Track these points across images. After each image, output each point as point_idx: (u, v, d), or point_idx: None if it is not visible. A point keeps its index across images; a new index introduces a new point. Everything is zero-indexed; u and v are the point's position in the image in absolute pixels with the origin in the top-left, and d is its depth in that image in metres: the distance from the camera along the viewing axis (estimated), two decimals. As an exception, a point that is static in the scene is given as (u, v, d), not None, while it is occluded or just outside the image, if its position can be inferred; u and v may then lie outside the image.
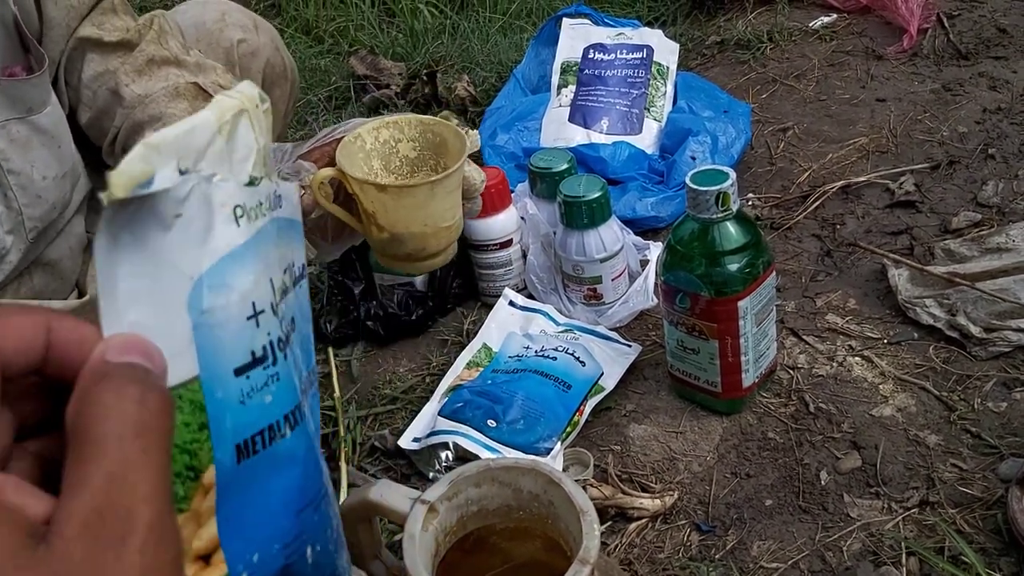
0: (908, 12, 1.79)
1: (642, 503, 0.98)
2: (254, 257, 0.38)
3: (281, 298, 0.41)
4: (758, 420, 1.07)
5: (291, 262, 0.44)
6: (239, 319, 0.37)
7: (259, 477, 0.40)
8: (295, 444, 0.42)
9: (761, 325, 1.03)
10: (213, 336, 0.36)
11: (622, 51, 1.65)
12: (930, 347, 1.13)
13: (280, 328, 0.41)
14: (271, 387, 0.39)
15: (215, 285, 0.36)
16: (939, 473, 0.97)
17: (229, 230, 0.37)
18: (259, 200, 0.40)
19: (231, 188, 0.37)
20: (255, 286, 0.38)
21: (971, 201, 1.37)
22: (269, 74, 1.21)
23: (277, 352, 0.40)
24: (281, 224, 0.42)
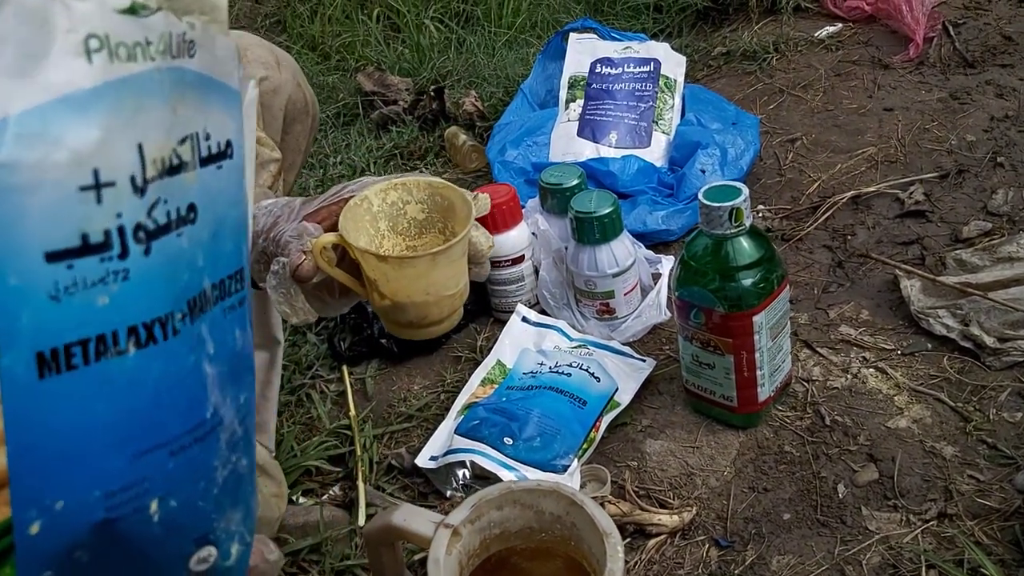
0: (914, 21, 1.80)
1: (660, 519, 0.98)
2: (110, 109, 0.30)
3: (161, 174, 0.32)
4: (774, 434, 1.07)
5: (197, 132, 0.34)
6: (64, 187, 0.29)
7: (75, 400, 0.31)
8: (144, 366, 0.32)
9: (776, 339, 1.03)
10: (11, 202, 0.28)
11: (629, 65, 1.66)
12: (944, 358, 1.13)
13: (147, 213, 0.32)
14: (110, 286, 0.31)
15: (28, 134, 0.28)
16: (956, 485, 0.97)
17: (72, 65, 0.28)
18: (144, 37, 0.31)
19: (89, 10, 0.29)
20: (101, 148, 0.29)
21: (981, 210, 1.37)
22: (290, 111, 1.20)
23: (131, 243, 0.31)
24: (186, 78, 0.33)
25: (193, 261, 0.35)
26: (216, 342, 0.36)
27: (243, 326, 0.39)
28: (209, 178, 0.36)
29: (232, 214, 0.38)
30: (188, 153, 0.34)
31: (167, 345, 0.33)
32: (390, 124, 2.02)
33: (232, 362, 0.38)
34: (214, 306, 0.37)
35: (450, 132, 1.86)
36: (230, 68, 0.36)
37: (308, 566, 1.00)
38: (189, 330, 0.34)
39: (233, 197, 0.38)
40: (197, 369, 0.35)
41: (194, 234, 0.35)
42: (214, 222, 0.36)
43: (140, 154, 0.31)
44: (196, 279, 0.35)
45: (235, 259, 0.38)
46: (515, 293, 1.34)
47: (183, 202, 0.34)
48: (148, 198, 0.32)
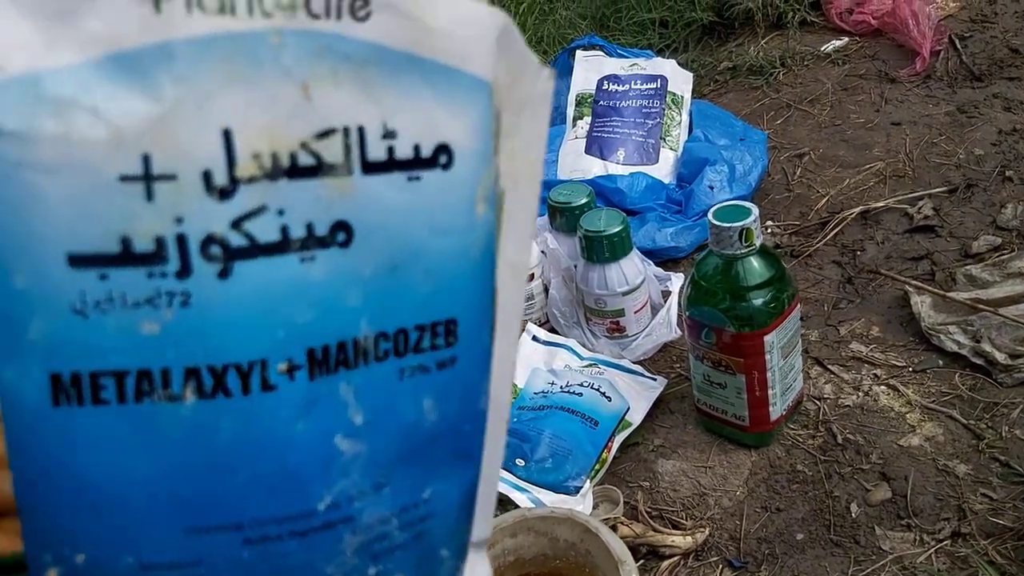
0: (920, 35, 1.80)
1: (673, 540, 0.98)
2: (177, 77, 0.21)
3: (272, 175, 0.23)
4: (786, 453, 1.07)
5: (362, 124, 0.25)
6: (98, 173, 0.21)
7: (103, 442, 0.24)
8: (208, 421, 0.25)
9: (787, 358, 1.03)
10: (21, 181, 0.21)
11: (636, 81, 1.66)
12: (956, 374, 1.13)
13: (230, 224, 0.23)
14: (162, 311, 0.23)
15: (55, 98, 0.20)
16: (970, 503, 0.97)
17: (132, 13, 0.21)
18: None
19: None
20: (159, 128, 0.22)
21: (990, 224, 1.37)
22: None
23: (196, 258, 0.23)
24: (340, 47, 0.24)
25: (331, 298, 0.26)
26: (370, 410, 0.27)
27: (445, 397, 0.29)
28: (386, 191, 0.26)
29: (439, 246, 0.27)
30: (336, 152, 0.24)
31: (250, 401, 0.25)
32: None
33: (407, 441, 0.28)
34: (378, 362, 0.27)
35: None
36: (465, 45, 0.25)
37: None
38: (303, 388, 0.26)
39: (445, 223, 0.27)
40: (314, 442, 0.26)
41: (343, 263, 0.25)
42: (394, 251, 0.26)
43: (227, 142, 0.23)
44: (333, 323, 0.26)
45: (438, 307, 0.28)
46: (525, 312, 1.34)
47: (322, 218, 0.25)
48: (237, 203, 0.23)
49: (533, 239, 0.25)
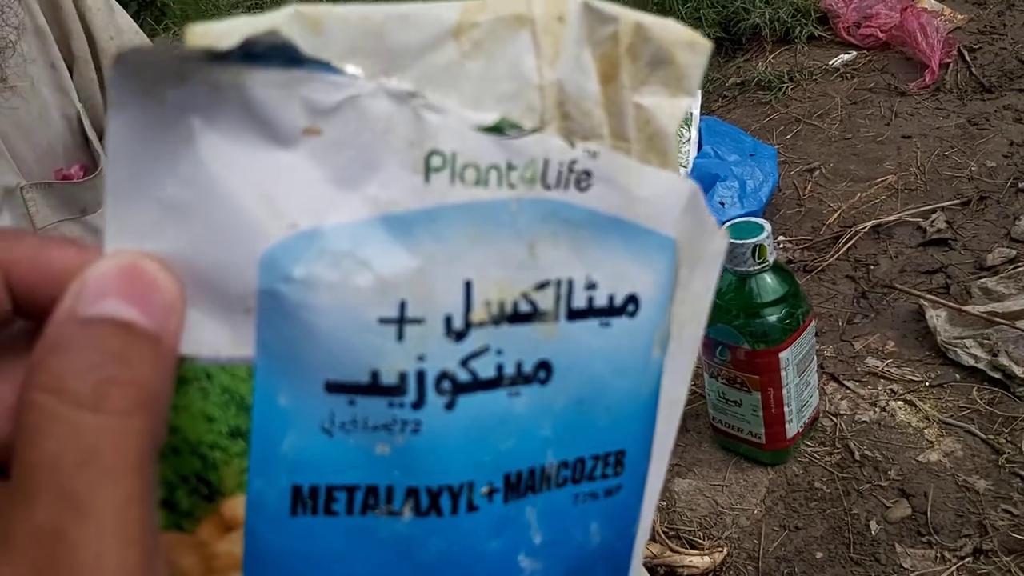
0: (929, 47, 1.80)
1: (692, 560, 0.97)
2: (436, 236, 0.25)
3: (497, 320, 0.26)
4: (804, 470, 1.06)
5: (572, 277, 0.27)
6: (362, 315, 0.24)
7: (329, 550, 0.26)
8: (419, 537, 0.27)
9: (803, 374, 1.03)
10: (300, 319, 0.24)
11: (645, 99, 1.66)
12: (973, 388, 1.12)
13: (460, 362, 0.26)
14: (395, 436, 0.26)
15: (334, 251, 0.24)
16: (991, 520, 0.96)
17: (405, 182, 0.24)
18: (506, 161, 0.25)
19: (442, 124, 0.24)
20: (416, 279, 0.25)
21: (1004, 237, 1.36)
22: None
23: (431, 392, 0.26)
24: (563, 213, 0.26)
25: (528, 428, 0.28)
26: (548, 532, 0.29)
27: (609, 521, 0.31)
28: (582, 335, 0.28)
29: (619, 384, 0.30)
30: (548, 301, 0.27)
31: (456, 521, 0.27)
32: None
33: (574, 561, 0.30)
34: (558, 488, 0.29)
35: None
36: (660, 210, 0.29)
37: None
38: (498, 510, 0.28)
39: (626, 364, 0.30)
40: (502, 559, 0.28)
41: (541, 397, 0.28)
42: (582, 388, 0.29)
43: (467, 292, 0.26)
44: (528, 451, 0.28)
45: (612, 439, 0.30)
46: (538, 331, 1.34)
47: (529, 357, 0.27)
48: (468, 344, 0.26)
49: (690, 378, 0.27)
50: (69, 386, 0.19)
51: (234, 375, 0.24)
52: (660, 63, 0.28)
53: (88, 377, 0.19)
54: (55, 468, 0.19)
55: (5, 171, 0.83)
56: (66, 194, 0.87)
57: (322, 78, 0.23)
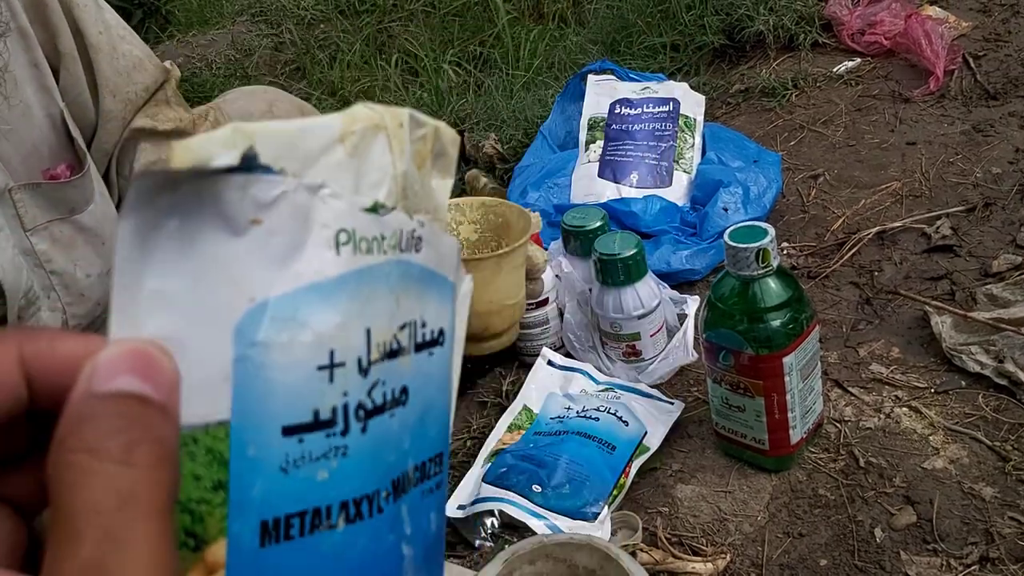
0: (933, 54, 1.79)
1: (694, 567, 0.96)
2: (349, 296, 0.32)
3: (382, 358, 0.34)
4: (808, 476, 1.05)
5: (415, 320, 0.36)
6: (306, 365, 0.30)
7: (289, 571, 0.31)
8: (350, 541, 0.32)
9: (807, 380, 1.02)
10: (263, 377, 0.29)
11: (648, 105, 1.66)
12: (979, 395, 1.11)
13: (367, 393, 0.33)
14: (331, 461, 0.31)
15: (283, 317, 0.29)
16: (998, 527, 0.95)
17: (323, 256, 0.31)
18: (381, 233, 0.33)
19: (341, 208, 0.31)
20: (339, 331, 0.31)
21: (1010, 243, 1.35)
22: None
23: (353, 421, 0.32)
24: (410, 271, 0.35)
25: (400, 442, 0.36)
26: (413, 523, 0.36)
27: (439, 509, 0.39)
28: (422, 363, 0.37)
29: (439, 400, 0.39)
30: (406, 339, 0.35)
31: (372, 522, 0.33)
32: (410, 168, 2.03)
33: (425, 544, 0.37)
34: (414, 487, 0.37)
35: (471, 175, 1.86)
36: (450, 263, 0.38)
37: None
38: (392, 509, 0.35)
39: (440, 384, 0.39)
40: (396, 549, 0.35)
41: (404, 416, 0.36)
42: (422, 405, 0.37)
43: (368, 338, 0.33)
44: (402, 459, 0.36)
45: (437, 443, 0.39)
46: (540, 336, 1.33)
47: (398, 384, 0.35)
48: (370, 379, 0.33)
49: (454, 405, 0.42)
50: (102, 446, 0.23)
51: (215, 436, 0.28)
52: (441, 155, 0.38)
53: (118, 438, 0.23)
54: (97, 512, 0.23)
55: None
56: (54, 194, 0.86)
57: (264, 179, 0.29)
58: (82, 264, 0.89)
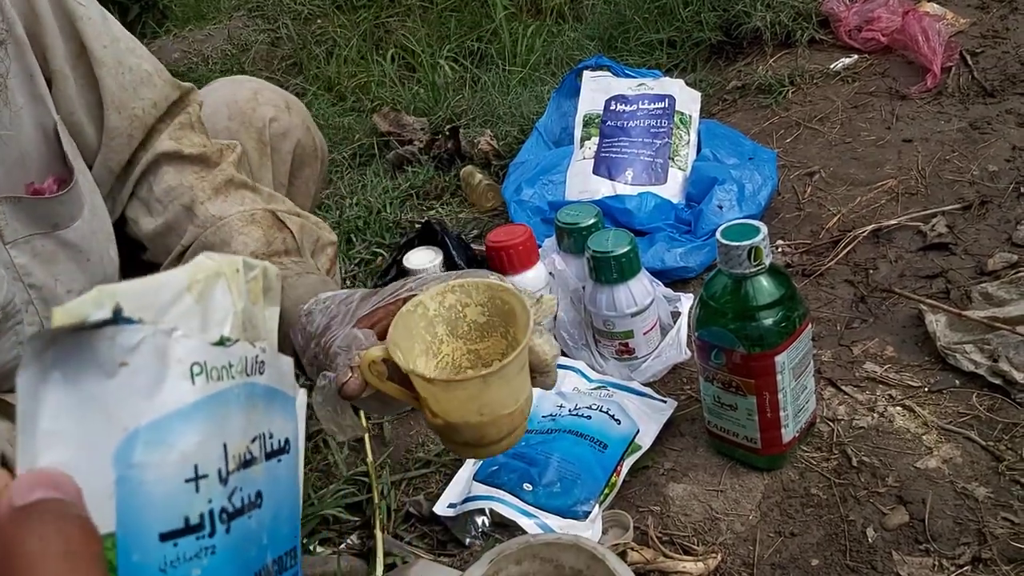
0: (930, 51, 1.79)
1: (685, 567, 0.95)
2: (206, 418, 0.38)
3: (238, 467, 0.40)
4: (800, 476, 1.05)
5: (264, 432, 0.42)
6: (175, 480, 0.36)
7: None
8: None
9: (799, 379, 1.01)
10: (140, 493, 0.35)
11: (644, 101, 1.65)
12: (973, 394, 1.10)
13: (228, 499, 0.39)
14: (202, 559, 0.37)
15: (152, 441, 0.36)
16: (990, 528, 0.94)
17: (181, 386, 0.37)
18: (228, 361, 0.40)
19: (193, 345, 0.37)
20: (200, 448, 0.38)
21: (1006, 241, 1.35)
22: (299, 154, 1.20)
23: (218, 523, 0.38)
24: (256, 391, 0.42)
25: (259, 539, 0.42)
26: None
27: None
28: (272, 469, 0.44)
29: (288, 500, 0.45)
30: (257, 450, 0.42)
31: None
32: (406, 164, 2.02)
33: None
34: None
35: (466, 171, 1.86)
36: (289, 380, 0.45)
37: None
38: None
39: (289, 486, 0.45)
40: None
41: (260, 517, 0.42)
42: (275, 506, 0.43)
43: (224, 452, 0.39)
44: (261, 555, 0.42)
45: (290, 539, 0.45)
46: (533, 334, 1.32)
47: (253, 489, 0.41)
48: (229, 486, 0.39)
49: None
50: (41, 527, 0.29)
51: (105, 547, 0.33)
52: (268, 289, 0.46)
53: (46, 527, 0.29)
54: (45, 566, 0.29)
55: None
56: (37, 209, 0.84)
57: (129, 328, 0.35)
58: (63, 279, 0.87)
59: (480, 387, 0.61)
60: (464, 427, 0.63)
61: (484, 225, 1.73)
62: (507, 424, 0.64)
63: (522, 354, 0.63)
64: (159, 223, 0.94)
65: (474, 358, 0.70)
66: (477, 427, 0.63)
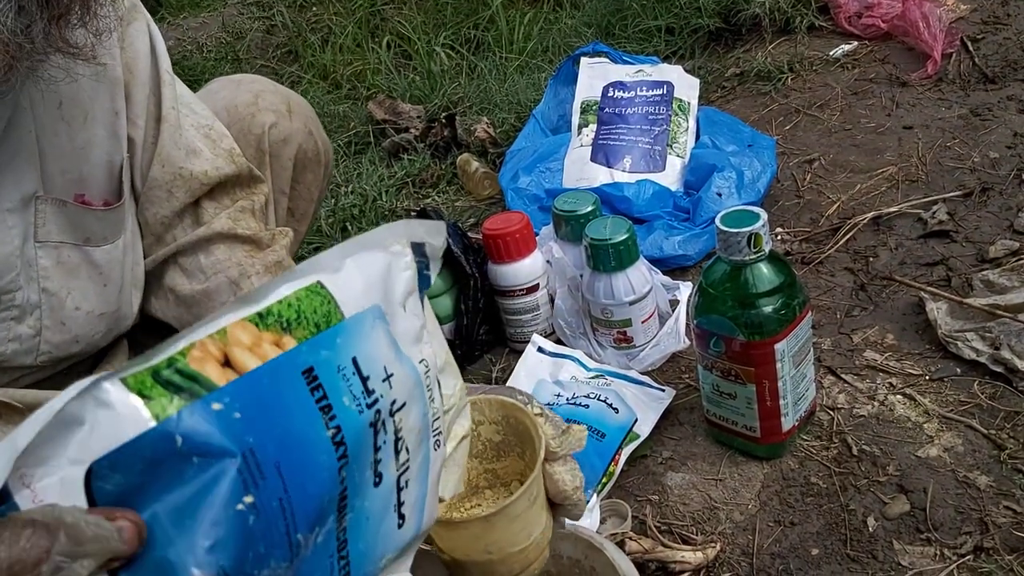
0: (931, 37, 1.77)
1: (684, 556, 0.94)
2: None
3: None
4: (800, 464, 1.04)
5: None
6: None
7: None
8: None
9: (799, 367, 1.00)
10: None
11: (642, 88, 1.64)
12: (974, 383, 1.09)
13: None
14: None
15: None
16: (992, 516, 0.93)
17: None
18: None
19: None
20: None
21: (1007, 228, 1.34)
22: (300, 159, 1.18)
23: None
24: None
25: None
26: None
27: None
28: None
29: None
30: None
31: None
32: (402, 152, 2.00)
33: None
34: None
35: (462, 159, 1.84)
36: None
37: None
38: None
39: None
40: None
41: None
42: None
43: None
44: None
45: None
46: (530, 323, 1.31)
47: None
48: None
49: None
50: None
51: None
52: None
53: None
54: None
55: (30, 178, 0.81)
56: (78, 218, 0.85)
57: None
58: (75, 295, 0.87)
59: (484, 526, 0.57)
60: (471, 565, 0.60)
61: (481, 213, 1.72)
62: (519, 562, 0.60)
63: (532, 488, 0.58)
64: (198, 288, 0.95)
65: (492, 478, 0.66)
66: (485, 566, 0.59)
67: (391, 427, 0.49)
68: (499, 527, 0.58)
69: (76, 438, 0.38)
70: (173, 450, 0.39)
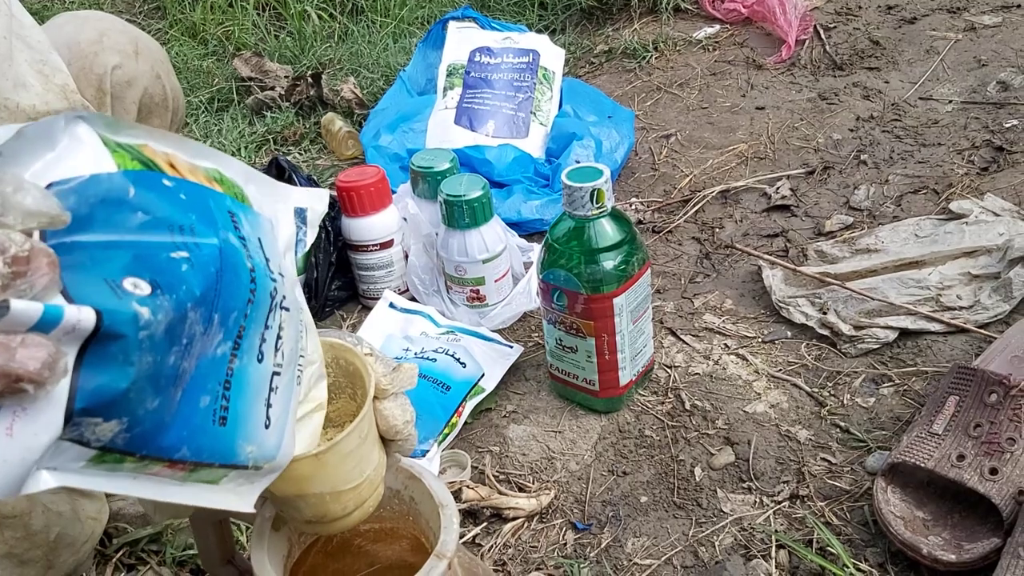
0: (787, 24, 1.84)
1: (518, 503, 0.96)
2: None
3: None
4: (636, 418, 1.07)
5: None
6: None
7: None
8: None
9: (637, 322, 1.03)
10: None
11: (508, 55, 1.65)
12: (802, 345, 1.15)
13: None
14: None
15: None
16: (809, 467, 0.99)
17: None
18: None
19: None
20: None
21: (844, 205, 1.41)
22: (146, 103, 1.14)
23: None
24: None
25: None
26: None
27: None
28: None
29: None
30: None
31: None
32: (265, 110, 1.96)
33: None
34: None
35: (326, 118, 1.82)
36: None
37: (148, 556, 0.95)
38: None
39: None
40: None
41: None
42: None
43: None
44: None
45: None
46: (383, 279, 1.31)
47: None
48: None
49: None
50: None
51: None
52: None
53: None
54: None
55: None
56: None
57: None
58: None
59: (315, 464, 0.56)
60: (303, 504, 0.59)
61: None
62: (352, 499, 0.60)
63: (362, 424, 0.58)
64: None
65: (324, 421, 0.62)
66: (318, 504, 0.59)
67: (277, 319, 0.48)
68: (330, 464, 0.57)
69: (44, 158, 0.39)
70: (124, 200, 0.40)
